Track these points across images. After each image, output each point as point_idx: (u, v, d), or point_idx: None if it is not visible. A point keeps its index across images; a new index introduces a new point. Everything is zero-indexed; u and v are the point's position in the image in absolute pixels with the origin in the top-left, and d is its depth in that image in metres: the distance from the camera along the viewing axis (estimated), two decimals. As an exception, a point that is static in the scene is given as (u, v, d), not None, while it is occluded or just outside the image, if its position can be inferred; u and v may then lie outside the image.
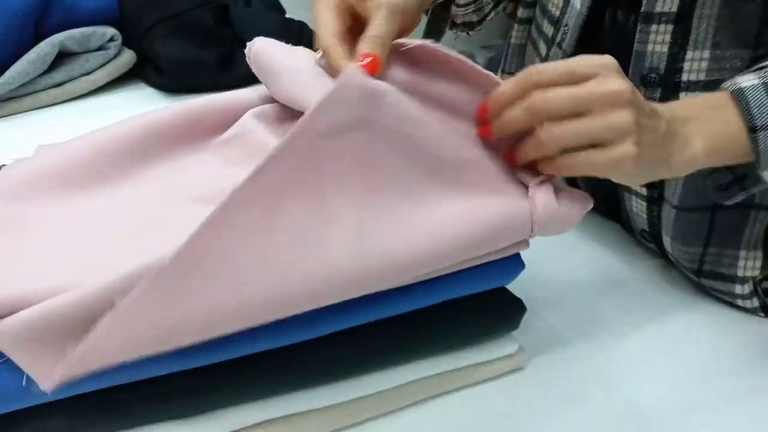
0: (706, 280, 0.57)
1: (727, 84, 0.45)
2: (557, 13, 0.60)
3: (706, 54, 0.50)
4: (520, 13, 0.68)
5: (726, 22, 0.49)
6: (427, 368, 0.46)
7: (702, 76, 0.51)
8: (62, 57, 0.89)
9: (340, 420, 0.45)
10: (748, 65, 0.49)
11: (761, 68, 0.46)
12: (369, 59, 0.42)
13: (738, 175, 0.47)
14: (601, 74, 0.40)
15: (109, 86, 0.93)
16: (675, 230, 0.57)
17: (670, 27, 0.50)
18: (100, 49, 0.91)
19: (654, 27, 0.51)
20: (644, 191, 0.58)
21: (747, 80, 0.44)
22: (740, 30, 0.49)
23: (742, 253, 0.55)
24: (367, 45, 0.42)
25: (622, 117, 0.40)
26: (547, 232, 0.44)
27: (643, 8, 0.51)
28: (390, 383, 0.45)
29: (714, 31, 0.49)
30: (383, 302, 0.43)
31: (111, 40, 0.91)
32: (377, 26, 0.43)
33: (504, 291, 0.48)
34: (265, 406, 0.43)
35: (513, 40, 0.69)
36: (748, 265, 0.55)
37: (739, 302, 0.57)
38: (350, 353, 0.44)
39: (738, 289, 0.56)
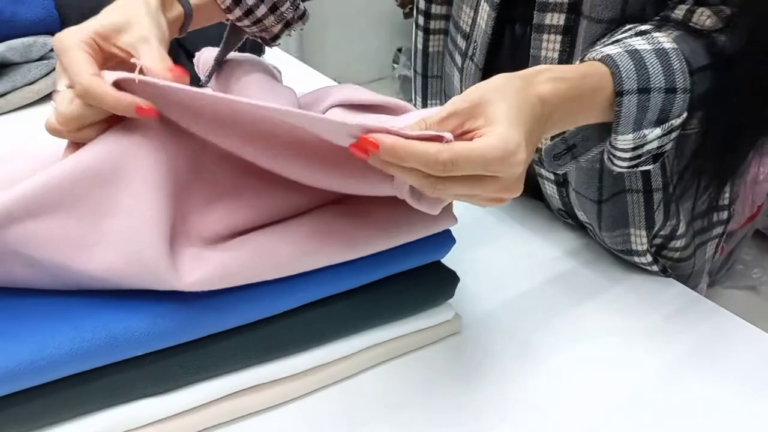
0: (615, 251, 0.65)
1: (593, 54, 0.48)
2: (467, 29, 0.67)
3: None
4: (433, 24, 0.74)
5: (587, 40, 0.56)
6: (374, 337, 0.52)
7: None
8: (4, 68, 0.90)
9: (295, 390, 0.50)
10: None
11: (616, 41, 0.50)
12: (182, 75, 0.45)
13: (569, 145, 0.51)
14: (504, 177, 0.40)
15: (52, 95, 0.94)
16: (581, 210, 0.64)
17: (559, 37, 0.58)
18: (42, 59, 0.93)
19: (545, 36, 0.58)
20: (551, 176, 0.65)
21: (611, 49, 0.48)
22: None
23: (632, 230, 0.63)
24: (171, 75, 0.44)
25: (513, 195, 0.43)
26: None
27: (534, 20, 0.58)
28: (341, 353, 0.51)
29: (582, 47, 0.56)
30: (329, 279, 0.49)
31: (53, 49, 0.93)
32: (160, 57, 0.45)
33: (439, 264, 0.54)
34: (227, 381, 0.48)
35: (431, 49, 0.75)
36: (638, 241, 0.63)
37: (648, 268, 0.65)
38: (301, 329, 0.49)
39: (642, 260, 0.64)
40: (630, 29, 0.51)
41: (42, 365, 0.41)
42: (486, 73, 0.65)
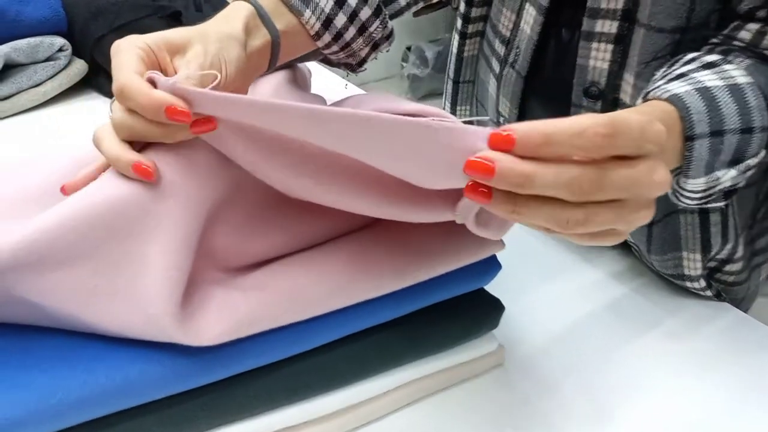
0: (665, 275, 0.61)
1: (658, 92, 0.43)
2: (508, 33, 0.62)
3: (632, 80, 0.52)
4: (470, 28, 0.69)
5: (644, 51, 0.50)
6: (410, 373, 0.47)
7: (628, 100, 0.53)
8: (9, 69, 0.86)
9: (333, 429, 0.45)
10: None
11: (682, 76, 0.45)
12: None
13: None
14: (651, 156, 0.33)
15: (60, 97, 0.90)
16: (631, 236, 0.59)
17: (610, 46, 0.53)
18: (49, 59, 0.88)
19: (595, 44, 0.53)
20: None
21: (678, 87, 0.43)
22: (655, 63, 0.50)
23: (685, 254, 0.58)
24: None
25: (650, 213, 0.35)
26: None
27: (583, 27, 0.53)
28: (374, 391, 0.46)
29: (637, 58, 0.51)
30: (361, 314, 0.44)
31: (60, 50, 0.89)
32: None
33: (482, 292, 0.49)
34: (252, 425, 0.43)
35: (465, 54, 0.71)
36: (692, 265, 0.58)
37: (701, 294, 0.60)
38: (336, 365, 0.44)
39: (695, 285, 0.59)
40: (695, 60, 0.46)
41: (51, 413, 0.36)
42: (528, 81, 0.60)
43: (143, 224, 0.38)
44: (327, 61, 0.59)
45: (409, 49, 2.59)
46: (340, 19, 0.52)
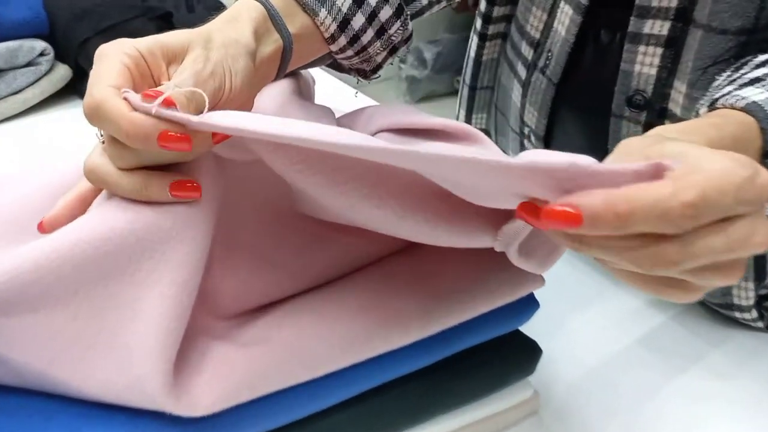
0: (711, 305, 0.55)
1: (731, 99, 0.37)
2: (537, 35, 0.56)
3: (684, 88, 0.46)
4: (491, 29, 0.63)
5: (700, 56, 0.45)
6: (445, 424, 0.41)
7: (678, 111, 0.47)
8: (-14, 75, 0.80)
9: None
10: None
11: (757, 81, 0.39)
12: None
13: None
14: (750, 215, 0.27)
15: (42, 104, 0.84)
16: None
17: (659, 50, 0.47)
18: (29, 65, 0.82)
19: (642, 48, 0.47)
20: None
21: (755, 94, 0.37)
22: (714, 69, 0.44)
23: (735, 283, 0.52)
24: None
25: (740, 273, 0.29)
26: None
27: (630, 28, 0.47)
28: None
29: (692, 64, 0.45)
30: (385, 365, 0.38)
31: (42, 54, 0.82)
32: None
33: (518, 334, 0.44)
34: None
35: (484, 57, 0.65)
36: (743, 294, 0.53)
37: (752, 325, 0.54)
38: (367, 416, 0.39)
39: (745, 315, 0.53)
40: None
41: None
42: (560, 88, 0.54)
43: (139, 263, 0.32)
44: (336, 67, 0.53)
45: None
46: (358, 20, 0.46)
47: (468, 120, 0.71)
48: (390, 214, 0.33)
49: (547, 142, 0.57)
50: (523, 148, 0.61)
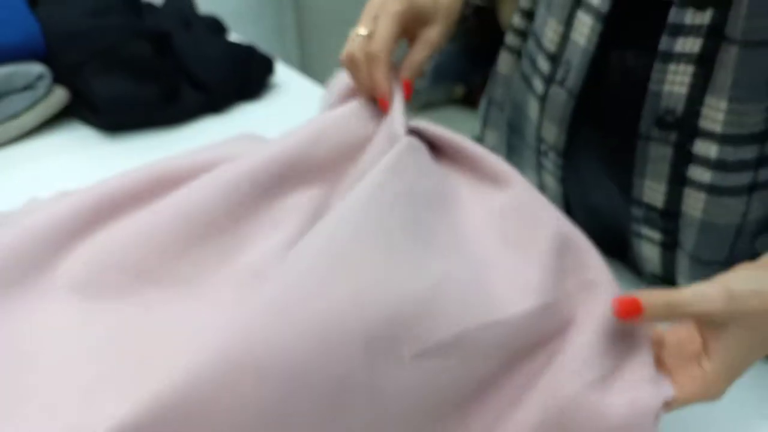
0: None
1: None
2: (552, 48, 0.54)
3: (723, 105, 0.45)
4: (509, 40, 0.62)
5: (743, 71, 0.44)
6: None
7: (718, 128, 0.46)
8: (-18, 100, 0.79)
9: None
10: (765, 117, 0.45)
11: None
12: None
13: None
14: None
15: (40, 129, 0.83)
16: (692, 278, 0.52)
17: (690, 68, 0.45)
18: (26, 89, 0.81)
19: (672, 67, 0.46)
20: (657, 236, 0.53)
21: None
22: (756, 79, 0.44)
23: None
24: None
25: None
26: None
27: (661, 47, 0.46)
28: None
29: (732, 80, 0.44)
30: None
31: (39, 78, 0.81)
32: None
33: None
34: None
35: (504, 71, 0.65)
36: None
37: None
38: None
39: None
40: None
41: None
42: (581, 103, 0.53)
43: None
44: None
45: (404, 58, 2.54)
46: None
47: (482, 134, 0.70)
48: None
49: (568, 157, 0.56)
50: (540, 166, 0.60)
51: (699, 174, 0.47)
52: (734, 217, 0.47)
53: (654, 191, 0.50)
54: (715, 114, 0.45)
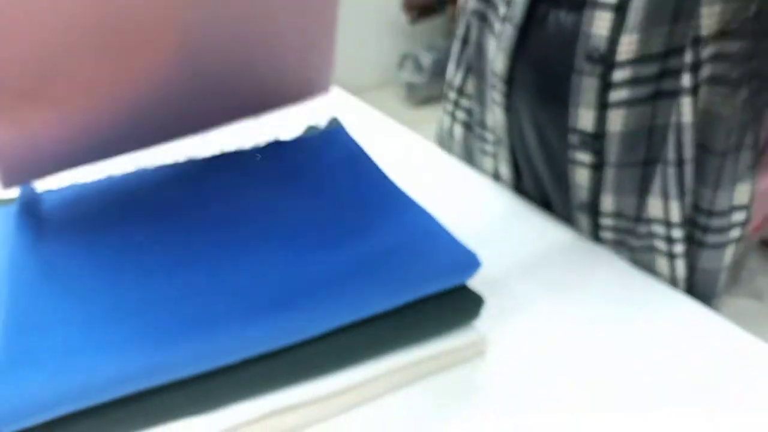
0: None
1: None
2: None
3: (634, 38, 0.58)
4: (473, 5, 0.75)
5: (649, 9, 0.56)
6: (389, 364, 0.51)
7: (631, 56, 0.59)
8: None
9: (305, 420, 0.49)
10: (666, 40, 0.57)
11: None
12: None
13: None
14: None
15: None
16: (615, 191, 0.64)
17: (609, 14, 0.58)
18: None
19: (598, 13, 0.59)
20: (587, 158, 0.65)
21: None
22: (660, 11, 0.56)
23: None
24: None
25: None
26: None
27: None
28: (352, 381, 0.50)
29: (641, 18, 0.57)
30: (340, 309, 0.48)
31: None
32: None
33: (463, 287, 0.53)
34: (248, 406, 0.47)
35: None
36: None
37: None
38: (309, 360, 0.48)
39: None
40: None
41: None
42: (522, 36, 0.65)
43: None
44: None
45: (405, 57, 2.62)
46: None
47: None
48: None
49: (510, 85, 0.69)
50: (492, 101, 0.73)
51: (618, 96, 0.60)
52: (645, 121, 0.60)
53: (584, 118, 0.62)
54: (628, 48, 0.58)
